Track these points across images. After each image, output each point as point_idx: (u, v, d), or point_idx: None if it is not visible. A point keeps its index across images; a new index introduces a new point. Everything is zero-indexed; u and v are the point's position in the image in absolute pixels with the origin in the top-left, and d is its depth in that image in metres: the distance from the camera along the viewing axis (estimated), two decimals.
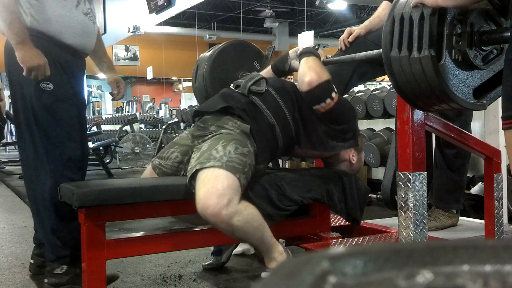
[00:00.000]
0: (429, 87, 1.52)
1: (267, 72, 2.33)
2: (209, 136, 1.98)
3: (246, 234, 1.80)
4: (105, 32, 11.13)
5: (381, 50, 1.63)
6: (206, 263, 2.43)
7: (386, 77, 2.14)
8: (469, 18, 1.54)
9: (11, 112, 2.64)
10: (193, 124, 2.17)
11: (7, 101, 7.69)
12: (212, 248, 2.43)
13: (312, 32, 9.42)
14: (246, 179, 1.86)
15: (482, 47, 1.59)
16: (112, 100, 2.69)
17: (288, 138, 2.06)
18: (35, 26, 2.04)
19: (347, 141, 2.15)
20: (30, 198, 2.23)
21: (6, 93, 7.67)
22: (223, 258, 2.40)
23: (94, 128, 11.16)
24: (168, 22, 11.98)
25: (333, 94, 1.99)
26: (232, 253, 2.53)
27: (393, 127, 3.42)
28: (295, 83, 2.32)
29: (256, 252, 2.08)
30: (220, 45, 2.64)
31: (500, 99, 1.74)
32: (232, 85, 2.16)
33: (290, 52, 2.26)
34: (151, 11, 8.75)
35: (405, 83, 1.56)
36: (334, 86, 2.01)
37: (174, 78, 21.31)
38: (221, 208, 1.70)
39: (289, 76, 2.74)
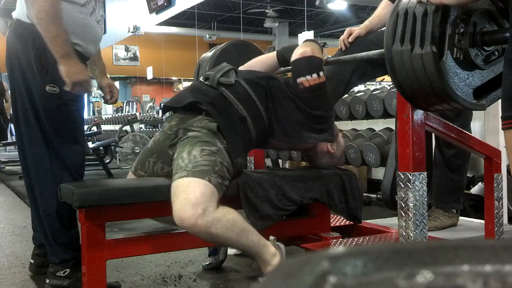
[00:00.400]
0: (429, 84, 1.52)
1: (270, 57, 2.31)
2: (178, 142, 1.95)
3: (228, 241, 1.77)
4: (105, 32, 11.07)
5: (382, 50, 1.63)
6: (206, 263, 2.43)
7: (386, 77, 2.14)
8: (472, 17, 1.54)
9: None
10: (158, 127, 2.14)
11: None
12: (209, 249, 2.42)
13: (312, 32, 9.44)
14: (221, 177, 1.82)
15: (484, 47, 1.59)
16: (105, 103, 2.65)
17: (261, 130, 2.02)
18: None
19: (321, 133, 2.10)
20: (31, 201, 2.22)
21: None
22: (220, 256, 2.39)
23: (94, 128, 11.16)
24: (168, 22, 11.99)
25: (321, 73, 1.97)
26: (233, 253, 2.53)
27: (393, 127, 3.43)
28: (274, 75, 2.32)
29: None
30: (222, 45, 2.63)
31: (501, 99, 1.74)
32: (201, 77, 2.13)
33: (300, 45, 2.26)
34: (151, 11, 8.75)
35: (405, 79, 1.56)
36: (323, 70, 2.00)
37: (174, 78, 21.31)
38: (197, 219, 1.67)
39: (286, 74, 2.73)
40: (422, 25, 1.47)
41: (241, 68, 2.28)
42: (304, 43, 2.09)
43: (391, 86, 4.35)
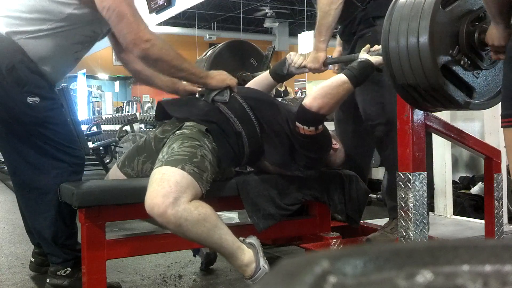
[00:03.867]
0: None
1: (264, 76, 2.31)
2: (166, 141, 1.94)
3: (199, 236, 1.70)
4: None
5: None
6: (200, 265, 2.43)
7: None
8: (463, 29, 1.54)
9: None
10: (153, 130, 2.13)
11: None
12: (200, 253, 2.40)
13: (312, 32, 9.44)
14: (200, 169, 1.77)
15: (486, 48, 1.58)
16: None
17: (255, 147, 2.00)
18: (27, 51, 1.95)
19: (307, 169, 2.06)
20: (24, 206, 2.18)
21: None
22: (204, 251, 2.37)
23: (94, 128, 11.15)
24: (168, 22, 11.98)
25: (320, 127, 1.95)
26: None
27: None
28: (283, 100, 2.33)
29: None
30: (215, 49, 2.62)
31: None
32: (197, 95, 2.14)
33: (287, 56, 2.25)
34: (151, 11, 8.75)
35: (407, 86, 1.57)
36: (324, 123, 1.97)
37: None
38: (167, 207, 1.63)
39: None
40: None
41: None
42: (339, 80, 1.90)
43: None
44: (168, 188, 1.67)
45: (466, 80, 1.59)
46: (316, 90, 1.95)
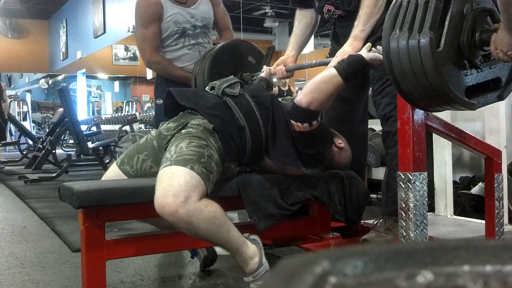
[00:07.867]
0: (425, 76, 1.50)
1: None
2: (171, 140, 1.95)
3: (209, 234, 1.72)
4: (104, 32, 11.10)
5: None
6: (199, 266, 2.42)
7: None
8: (471, 15, 1.53)
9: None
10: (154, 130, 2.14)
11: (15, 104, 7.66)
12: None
13: None
14: (207, 170, 1.79)
15: (484, 48, 1.57)
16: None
17: (258, 144, 2.00)
18: None
19: (309, 167, 2.07)
20: None
21: (10, 94, 7.66)
22: (201, 254, 2.36)
23: (94, 128, 11.16)
24: None
25: (314, 122, 1.94)
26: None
27: None
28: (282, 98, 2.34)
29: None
30: (211, 51, 2.60)
31: (504, 101, 1.75)
32: (207, 87, 2.14)
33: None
34: None
35: (401, 71, 1.55)
36: (319, 117, 1.97)
37: None
38: (178, 206, 1.64)
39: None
40: (422, 13, 1.46)
41: None
42: (328, 75, 1.91)
43: None
44: (178, 187, 1.67)
45: (489, 78, 1.60)
46: (306, 86, 1.96)
